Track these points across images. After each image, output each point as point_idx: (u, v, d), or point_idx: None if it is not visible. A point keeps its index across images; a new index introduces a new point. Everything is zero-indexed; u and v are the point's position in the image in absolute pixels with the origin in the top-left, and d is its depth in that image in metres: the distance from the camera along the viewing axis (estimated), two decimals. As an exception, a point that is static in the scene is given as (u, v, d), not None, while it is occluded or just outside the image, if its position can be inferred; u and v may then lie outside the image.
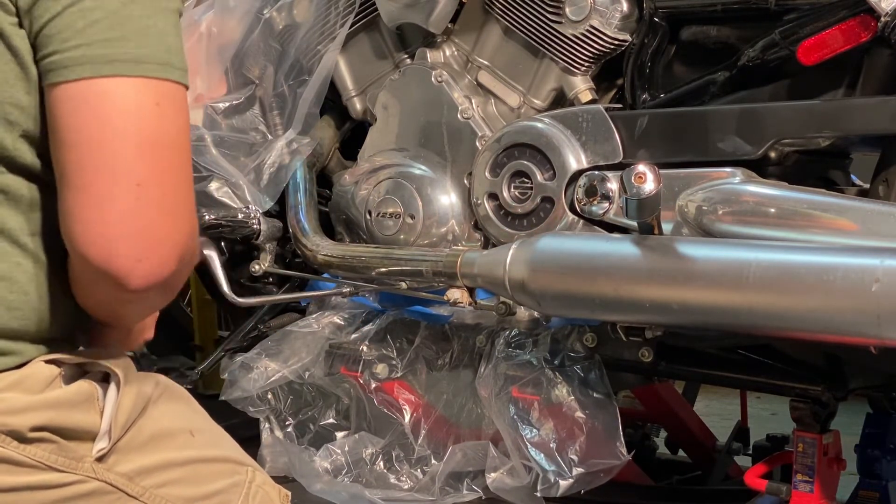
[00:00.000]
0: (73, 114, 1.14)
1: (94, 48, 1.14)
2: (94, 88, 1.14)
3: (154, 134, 1.16)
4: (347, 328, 2.40)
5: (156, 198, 1.16)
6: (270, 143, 2.50)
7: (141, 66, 1.15)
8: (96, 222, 1.14)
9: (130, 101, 1.15)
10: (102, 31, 1.14)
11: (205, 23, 2.55)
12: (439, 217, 2.35)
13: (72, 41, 1.14)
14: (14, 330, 1.19)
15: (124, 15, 1.15)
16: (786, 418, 2.12)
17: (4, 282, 1.19)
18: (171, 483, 1.24)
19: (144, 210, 1.15)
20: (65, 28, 1.14)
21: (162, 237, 1.16)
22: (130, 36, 1.15)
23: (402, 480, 2.33)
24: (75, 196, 1.15)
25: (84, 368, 1.23)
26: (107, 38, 1.14)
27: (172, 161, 1.17)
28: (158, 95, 1.16)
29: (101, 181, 1.14)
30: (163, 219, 1.16)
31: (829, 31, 1.94)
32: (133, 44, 1.15)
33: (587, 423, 2.13)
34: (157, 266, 1.16)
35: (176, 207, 1.18)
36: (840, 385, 2.03)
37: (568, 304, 2.01)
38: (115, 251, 1.15)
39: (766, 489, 2.08)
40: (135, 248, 1.15)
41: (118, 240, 1.15)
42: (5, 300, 1.19)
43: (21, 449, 1.16)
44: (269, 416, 2.45)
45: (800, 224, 1.88)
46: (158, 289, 1.19)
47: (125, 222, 1.15)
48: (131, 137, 1.14)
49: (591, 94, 2.22)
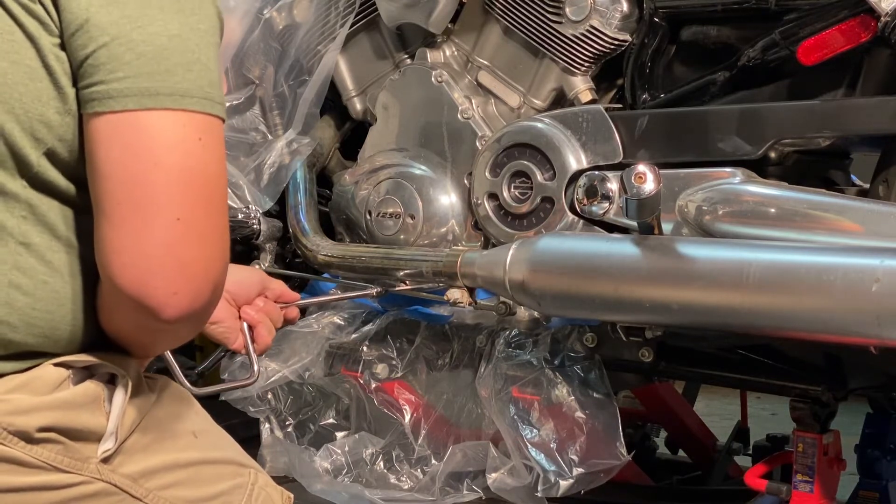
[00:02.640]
0: (114, 145, 1.15)
1: (140, 81, 1.14)
2: (139, 121, 1.14)
3: (196, 168, 1.16)
4: (347, 328, 2.40)
5: (194, 232, 1.16)
6: (270, 143, 2.50)
7: (186, 99, 1.16)
8: (133, 254, 1.15)
9: (175, 135, 1.15)
10: (148, 65, 1.15)
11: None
12: (439, 217, 2.35)
13: (118, 72, 1.14)
14: (31, 346, 1.20)
15: (171, 49, 1.16)
16: (786, 418, 2.12)
17: (28, 298, 1.19)
18: (175, 485, 1.25)
19: (182, 244, 1.15)
20: (111, 59, 1.14)
21: (198, 270, 1.17)
22: (176, 70, 1.16)
23: (402, 480, 2.33)
24: (113, 227, 1.15)
25: (90, 370, 1.23)
26: (152, 72, 1.15)
27: (212, 195, 1.18)
28: (201, 130, 1.16)
29: (140, 215, 1.14)
30: (199, 252, 1.17)
31: (829, 31, 1.94)
32: (178, 77, 1.15)
33: (587, 423, 2.13)
34: (191, 298, 1.17)
35: (212, 240, 1.18)
36: (840, 385, 2.03)
37: (568, 304, 2.01)
38: (152, 283, 1.15)
39: (766, 489, 2.09)
40: (171, 281, 1.15)
41: (154, 273, 1.15)
42: (27, 316, 1.19)
43: (28, 449, 1.16)
44: (269, 416, 2.45)
45: (800, 224, 1.88)
46: (190, 320, 1.19)
47: (162, 256, 1.15)
48: (174, 172, 1.15)
49: (591, 94, 2.22)
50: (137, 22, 1.15)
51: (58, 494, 1.18)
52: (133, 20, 1.15)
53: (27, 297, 1.18)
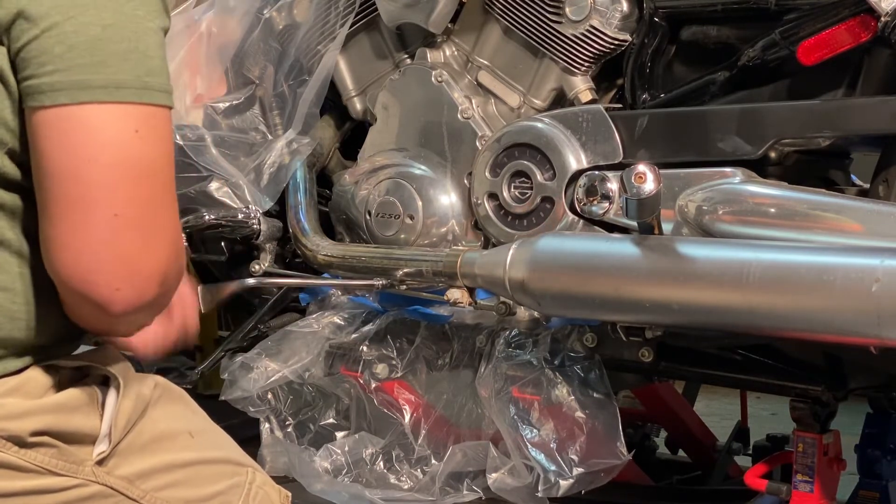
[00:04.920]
0: (49, 141, 1.13)
1: (72, 74, 1.12)
2: (71, 116, 1.12)
3: (133, 162, 1.14)
4: (347, 328, 2.40)
5: (133, 227, 1.14)
6: (270, 143, 2.50)
7: (119, 91, 1.13)
8: (73, 251, 1.14)
9: (108, 129, 1.13)
10: (81, 57, 1.12)
11: (205, 23, 2.55)
12: (439, 217, 2.35)
13: (49, 66, 1.12)
14: (18, 340, 1.19)
15: (104, 39, 1.13)
16: (786, 418, 2.12)
17: (7, 293, 1.18)
18: (172, 485, 1.25)
19: (121, 240, 1.14)
20: (43, 52, 1.12)
21: (140, 266, 1.15)
22: (110, 61, 1.13)
23: (402, 480, 2.33)
24: (52, 224, 1.14)
25: (83, 372, 1.23)
26: (85, 64, 1.12)
27: (153, 188, 1.16)
28: (138, 121, 1.14)
29: (77, 212, 1.13)
30: (141, 248, 1.15)
31: (829, 31, 1.94)
32: (112, 69, 1.13)
33: (587, 423, 2.13)
34: (136, 294, 1.16)
35: (155, 234, 1.16)
36: (840, 385, 2.03)
37: (568, 304, 2.01)
38: (94, 280, 1.14)
39: (766, 489, 2.08)
40: (112, 277, 1.14)
41: (96, 270, 1.14)
42: (8, 311, 1.18)
43: (21, 454, 1.16)
44: (269, 416, 2.45)
45: (800, 224, 1.88)
46: (142, 311, 1.19)
47: (102, 252, 1.14)
48: (109, 168, 1.13)
49: (591, 94, 2.22)
50: (69, 12, 1.13)
51: (53, 498, 1.18)
52: (65, 10, 1.13)
53: (6, 293, 1.18)
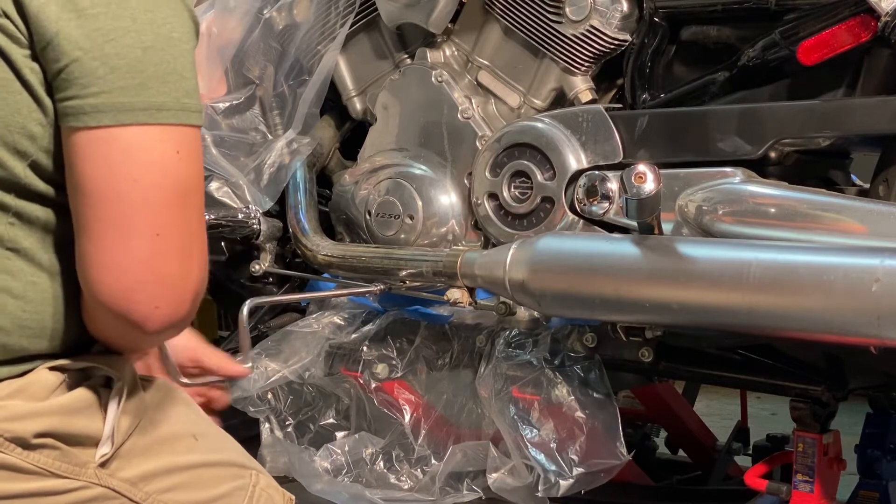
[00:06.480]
0: (90, 161, 1.14)
1: (115, 95, 1.14)
2: (113, 137, 1.14)
3: (175, 182, 1.16)
4: (347, 328, 2.40)
5: (173, 246, 1.16)
6: (270, 143, 2.50)
7: (160, 113, 1.15)
8: (113, 270, 1.15)
9: (151, 150, 1.15)
10: (122, 79, 1.14)
11: (205, 23, 2.54)
12: (439, 217, 2.35)
13: (93, 87, 1.13)
14: (24, 348, 1.19)
15: (145, 61, 1.15)
16: (786, 418, 2.12)
17: (19, 301, 1.19)
18: (175, 488, 1.25)
19: (161, 259, 1.16)
20: (85, 74, 1.13)
21: (178, 282, 1.17)
22: (150, 83, 1.15)
23: (402, 480, 2.33)
24: (92, 243, 1.15)
25: (87, 374, 1.23)
26: (127, 86, 1.14)
27: (190, 206, 1.18)
28: (178, 142, 1.16)
29: (119, 231, 1.14)
30: (179, 265, 1.17)
31: (829, 31, 1.94)
32: (152, 91, 1.15)
33: (587, 423, 2.13)
34: (173, 310, 1.17)
35: (192, 252, 1.18)
36: (840, 385, 2.03)
37: (568, 304, 2.01)
38: (133, 298, 1.15)
39: (766, 489, 2.08)
40: (152, 295, 1.16)
41: (135, 288, 1.15)
42: (18, 319, 1.19)
43: (25, 455, 1.16)
44: (269, 416, 2.45)
45: (800, 224, 1.88)
46: (173, 328, 1.20)
47: (142, 271, 1.15)
48: (151, 188, 1.14)
49: (591, 94, 2.22)
50: (110, 35, 1.14)
51: (56, 500, 1.18)
52: (105, 33, 1.14)
53: (17, 300, 1.18)
